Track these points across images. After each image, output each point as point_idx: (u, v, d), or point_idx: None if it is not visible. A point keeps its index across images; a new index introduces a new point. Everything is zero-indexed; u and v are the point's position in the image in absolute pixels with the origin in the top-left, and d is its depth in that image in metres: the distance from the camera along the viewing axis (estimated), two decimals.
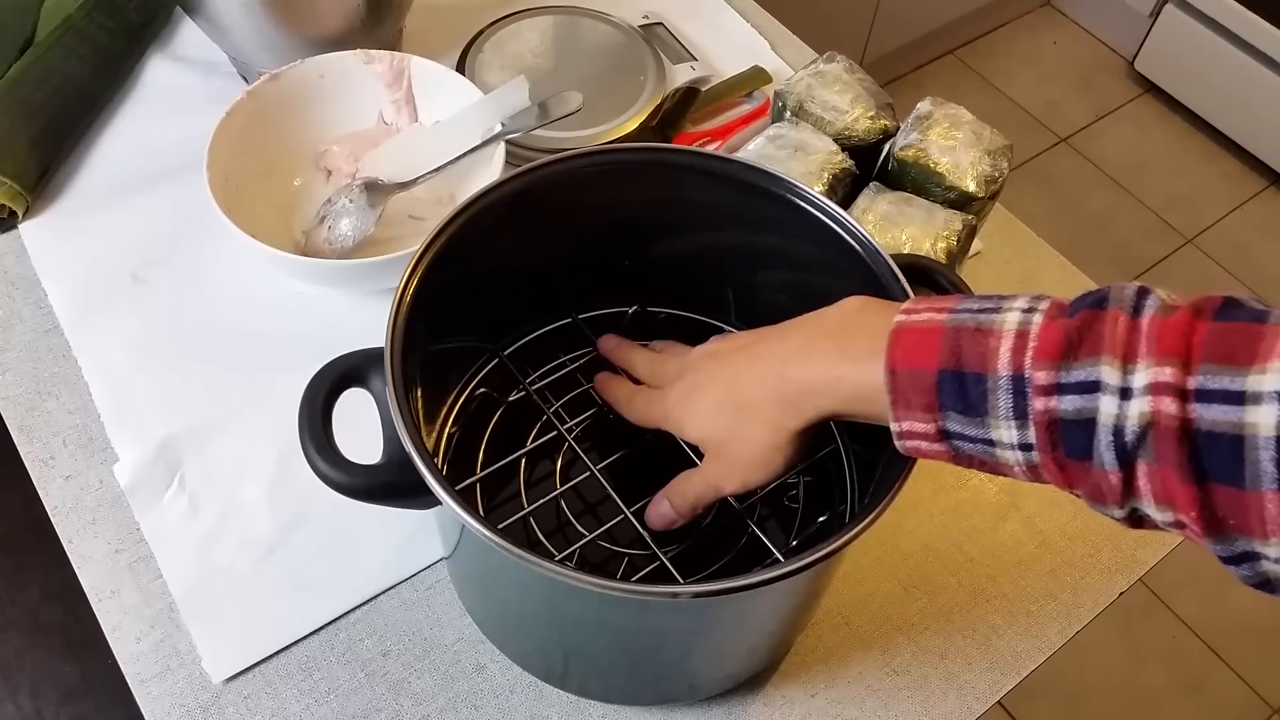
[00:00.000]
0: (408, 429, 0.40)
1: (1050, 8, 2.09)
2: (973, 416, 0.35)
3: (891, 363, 0.37)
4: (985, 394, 0.35)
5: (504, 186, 0.49)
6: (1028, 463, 0.35)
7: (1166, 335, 0.32)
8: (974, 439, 0.36)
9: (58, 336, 0.64)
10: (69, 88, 0.72)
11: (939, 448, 0.37)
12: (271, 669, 0.53)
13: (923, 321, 0.37)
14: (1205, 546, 0.33)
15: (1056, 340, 0.34)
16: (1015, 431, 0.35)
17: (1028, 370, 0.34)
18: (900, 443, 0.38)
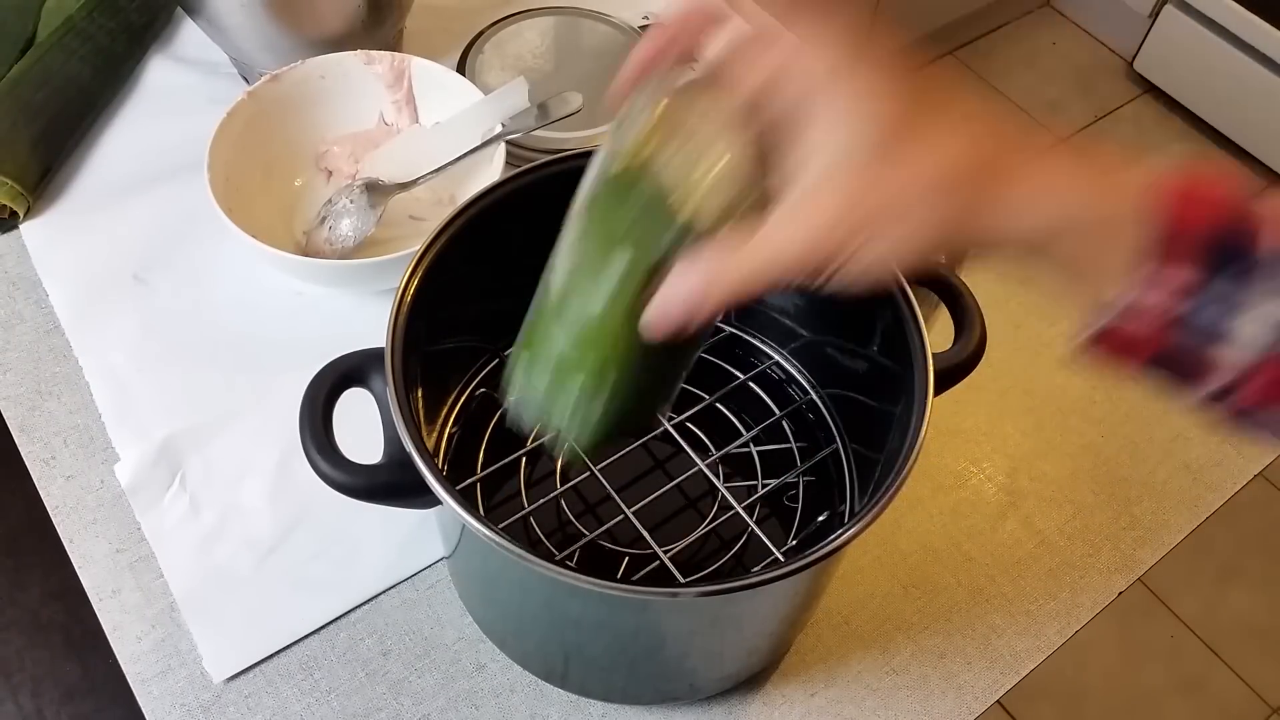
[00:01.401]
0: (408, 429, 0.41)
1: (1049, 8, 2.09)
2: (1239, 283, 0.30)
3: (1175, 196, 0.31)
4: (1251, 266, 0.30)
5: (504, 187, 0.50)
6: (1241, 367, 0.30)
7: None
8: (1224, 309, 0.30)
9: (59, 336, 0.64)
10: (70, 88, 0.72)
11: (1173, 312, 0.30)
12: (272, 668, 0.53)
13: (1204, 177, 0.31)
14: None
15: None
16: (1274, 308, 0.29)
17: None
18: (1119, 301, 0.31)
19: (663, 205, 0.34)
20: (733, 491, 0.53)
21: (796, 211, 0.31)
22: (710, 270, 0.32)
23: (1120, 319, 0.31)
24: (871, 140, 0.30)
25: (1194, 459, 0.64)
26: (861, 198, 0.30)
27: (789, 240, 0.31)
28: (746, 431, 0.56)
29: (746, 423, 0.57)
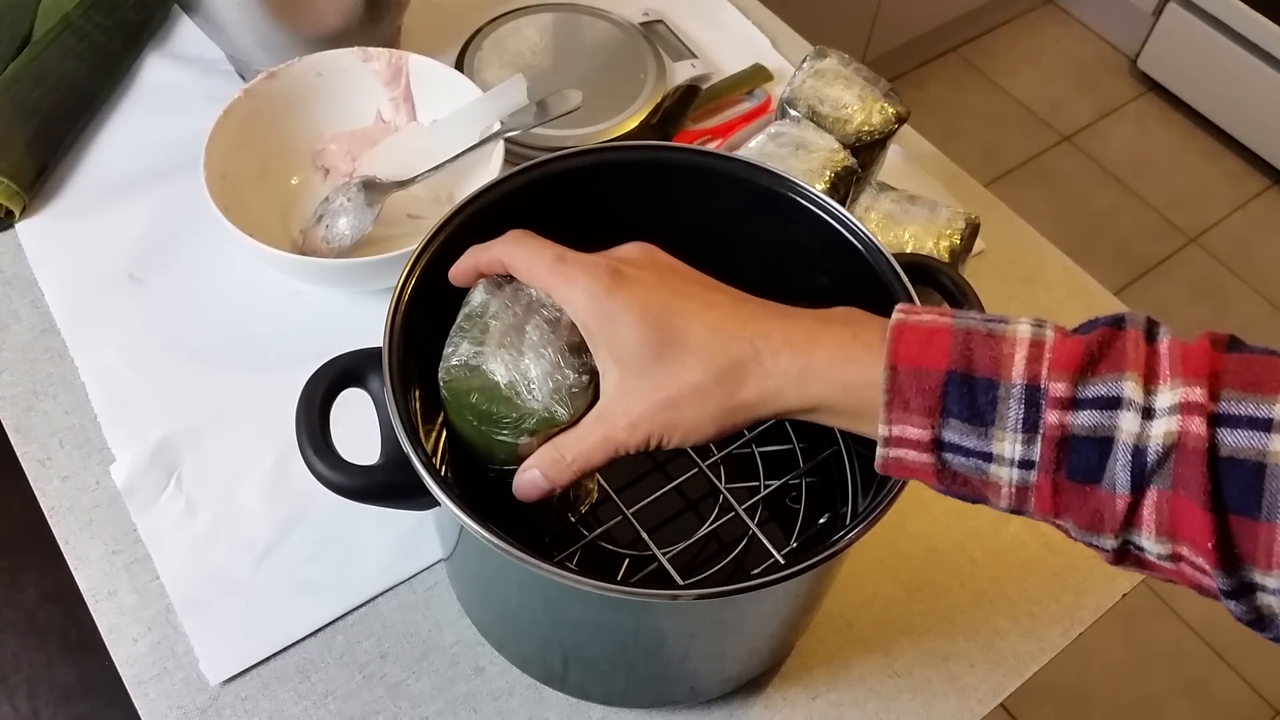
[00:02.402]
0: (406, 429, 0.40)
1: (1053, 5, 2.08)
2: (976, 426, 0.33)
3: (894, 358, 0.34)
4: (995, 402, 0.32)
5: (503, 185, 0.49)
6: (1020, 483, 0.33)
7: (1191, 358, 0.31)
8: (971, 451, 0.33)
9: (54, 336, 0.63)
10: (66, 86, 0.72)
11: (926, 459, 0.34)
12: (269, 671, 0.53)
13: (926, 322, 0.34)
14: (1196, 581, 0.32)
15: (1076, 353, 0.32)
16: (1020, 446, 0.32)
17: (1044, 380, 0.32)
18: (885, 450, 0.35)
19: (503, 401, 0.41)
20: (734, 493, 0.53)
21: (604, 419, 0.39)
22: (552, 460, 0.40)
23: (888, 463, 0.35)
24: (639, 359, 0.38)
25: None
26: (646, 409, 0.38)
27: (604, 440, 0.39)
28: (748, 431, 0.56)
29: None
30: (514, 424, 0.40)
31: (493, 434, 0.41)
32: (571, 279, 0.38)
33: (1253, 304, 1.69)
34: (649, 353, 0.37)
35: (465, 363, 0.41)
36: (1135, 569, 0.33)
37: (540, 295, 0.42)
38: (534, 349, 0.41)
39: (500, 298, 0.42)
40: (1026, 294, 0.71)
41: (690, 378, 0.37)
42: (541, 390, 0.40)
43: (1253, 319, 1.67)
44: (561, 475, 0.40)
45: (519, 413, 0.40)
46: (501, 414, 0.40)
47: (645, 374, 0.38)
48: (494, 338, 0.41)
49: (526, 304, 0.42)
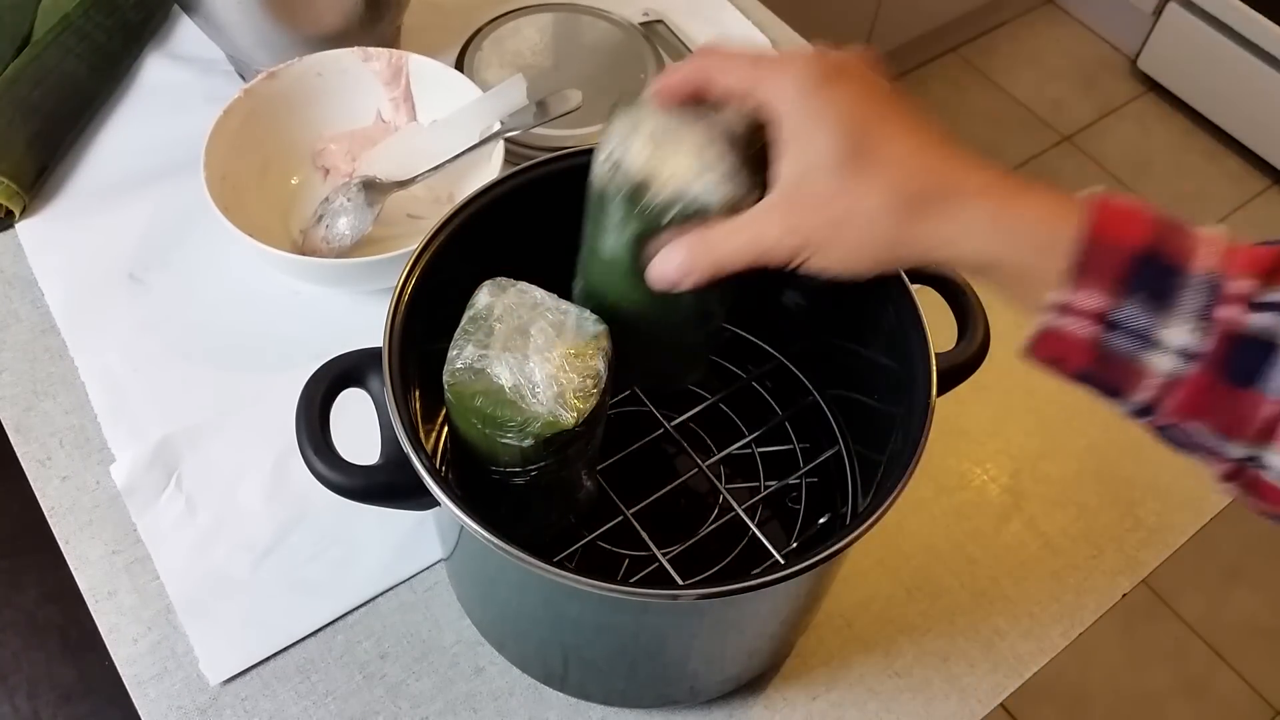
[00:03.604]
0: (406, 429, 0.40)
1: (1053, 6, 2.08)
2: (1155, 306, 0.32)
3: (1095, 226, 0.33)
4: (1176, 287, 0.32)
5: (503, 185, 0.49)
6: (1173, 374, 0.32)
7: None
8: (1138, 333, 0.33)
9: (54, 336, 0.63)
10: (66, 86, 0.72)
11: (1091, 332, 0.33)
12: (269, 671, 0.53)
13: (1126, 204, 0.34)
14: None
15: (1264, 258, 0.32)
16: (1188, 334, 0.32)
17: (1227, 275, 0.32)
18: (1048, 319, 0.34)
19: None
20: (734, 493, 0.53)
21: (761, 215, 0.37)
22: (696, 244, 0.38)
23: (1046, 333, 0.34)
24: (828, 161, 0.35)
25: None
26: (810, 215, 0.36)
27: (754, 238, 0.37)
28: (749, 432, 0.56)
29: (749, 423, 0.56)
30: (518, 427, 0.40)
31: (497, 437, 0.41)
32: (784, 68, 0.36)
33: None
34: (840, 157, 0.35)
35: (470, 365, 0.41)
36: (1239, 490, 0.33)
37: (544, 298, 0.42)
38: (539, 352, 0.41)
39: (505, 300, 0.42)
40: None
41: (872, 195, 0.35)
42: (546, 394, 0.40)
43: None
44: (700, 263, 0.38)
45: (523, 416, 0.40)
46: (506, 417, 0.40)
47: (827, 178, 0.35)
48: (499, 341, 0.41)
49: (531, 306, 0.42)
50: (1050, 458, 0.63)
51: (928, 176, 0.35)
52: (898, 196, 0.35)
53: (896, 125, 0.35)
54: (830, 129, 0.35)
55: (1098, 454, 0.63)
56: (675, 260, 0.39)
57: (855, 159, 0.35)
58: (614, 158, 0.40)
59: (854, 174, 0.35)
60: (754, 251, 0.37)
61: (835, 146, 0.35)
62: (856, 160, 0.35)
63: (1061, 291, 0.33)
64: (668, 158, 0.39)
